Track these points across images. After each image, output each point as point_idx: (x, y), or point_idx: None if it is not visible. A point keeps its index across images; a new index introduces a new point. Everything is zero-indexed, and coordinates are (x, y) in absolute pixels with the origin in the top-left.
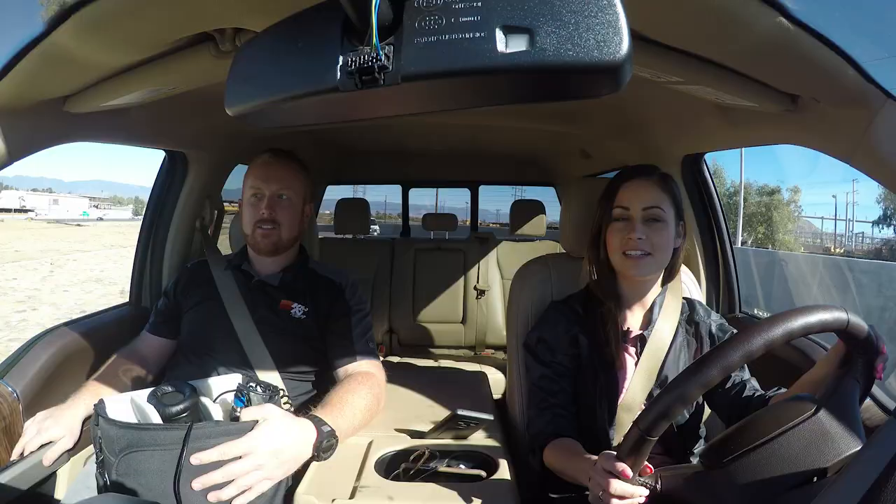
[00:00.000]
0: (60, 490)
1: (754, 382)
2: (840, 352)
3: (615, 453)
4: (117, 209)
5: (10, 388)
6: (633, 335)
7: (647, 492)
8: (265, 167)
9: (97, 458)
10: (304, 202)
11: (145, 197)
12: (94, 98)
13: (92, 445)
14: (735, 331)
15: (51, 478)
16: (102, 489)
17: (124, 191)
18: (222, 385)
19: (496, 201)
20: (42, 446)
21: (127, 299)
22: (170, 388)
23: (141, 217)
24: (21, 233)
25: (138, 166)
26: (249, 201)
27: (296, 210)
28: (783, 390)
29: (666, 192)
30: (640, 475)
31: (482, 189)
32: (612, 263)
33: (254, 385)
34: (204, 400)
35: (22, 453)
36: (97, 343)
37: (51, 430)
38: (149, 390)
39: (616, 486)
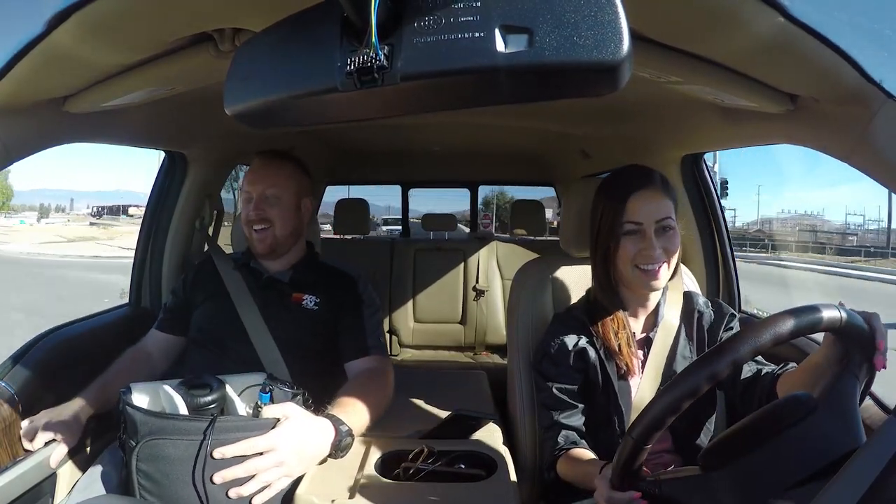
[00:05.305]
0: (61, 490)
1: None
2: (836, 343)
3: (610, 476)
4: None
5: (9, 389)
6: (638, 338)
7: None
8: (253, 171)
9: (119, 441)
10: (298, 197)
11: (48, 200)
12: (93, 98)
13: (95, 443)
14: (732, 313)
15: (51, 477)
16: (122, 470)
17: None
18: (248, 380)
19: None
20: (46, 444)
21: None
22: (198, 380)
23: (47, 220)
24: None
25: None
26: (244, 206)
27: (286, 206)
28: (792, 365)
29: (670, 198)
30: (639, 479)
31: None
32: (621, 274)
33: (279, 382)
34: (230, 393)
35: (24, 452)
36: (97, 343)
37: (54, 429)
38: (178, 380)
39: None
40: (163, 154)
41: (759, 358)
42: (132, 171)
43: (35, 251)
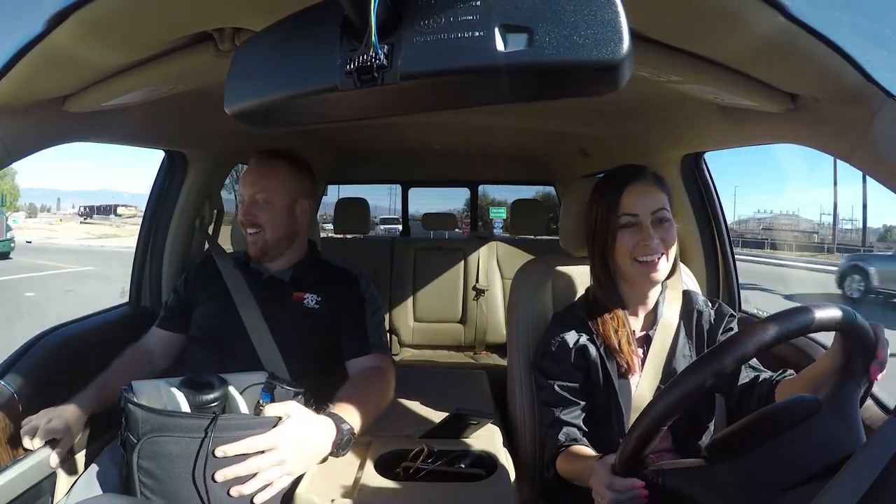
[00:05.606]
0: (61, 489)
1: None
2: (840, 353)
3: (611, 462)
4: None
5: (9, 389)
6: (638, 336)
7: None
8: (247, 173)
9: (120, 439)
10: (292, 200)
11: (34, 200)
12: (93, 97)
13: (95, 443)
14: (731, 314)
15: (51, 476)
16: (122, 469)
17: None
18: (250, 379)
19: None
20: (45, 444)
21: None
22: (200, 379)
23: (34, 220)
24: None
25: None
26: (239, 208)
27: (277, 210)
28: (790, 372)
29: (664, 191)
30: (643, 468)
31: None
32: (620, 269)
33: (280, 381)
34: (232, 392)
35: (24, 451)
36: (97, 343)
37: (53, 428)
38: (180, 378)
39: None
40: (151, 153)
41: (756, 364)
42: (119, 170)
43: (96, 244)
